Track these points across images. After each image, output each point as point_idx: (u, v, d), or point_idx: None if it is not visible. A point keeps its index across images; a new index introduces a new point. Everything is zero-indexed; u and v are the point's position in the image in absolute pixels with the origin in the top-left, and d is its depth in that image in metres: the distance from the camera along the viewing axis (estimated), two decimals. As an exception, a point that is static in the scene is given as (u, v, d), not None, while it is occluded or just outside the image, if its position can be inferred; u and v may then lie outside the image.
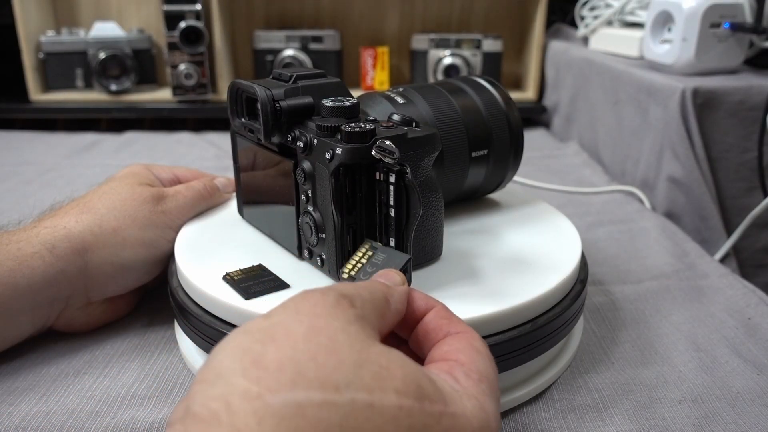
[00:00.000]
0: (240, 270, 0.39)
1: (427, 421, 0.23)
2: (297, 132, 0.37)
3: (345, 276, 0.33)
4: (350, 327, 0.25)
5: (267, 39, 1.11)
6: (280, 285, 0.37)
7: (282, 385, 0.21)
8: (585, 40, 1.06)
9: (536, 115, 1.14)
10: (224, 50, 1.10)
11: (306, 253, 0.40)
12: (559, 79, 1.08)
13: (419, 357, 0.30)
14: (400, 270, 0.32)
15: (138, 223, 0.43)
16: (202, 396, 0.21)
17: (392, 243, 0.35)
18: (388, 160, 0.33)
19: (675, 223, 0.70)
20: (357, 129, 0.34)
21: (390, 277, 0.31)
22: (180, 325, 0.41)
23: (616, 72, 0.87)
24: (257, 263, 0.40)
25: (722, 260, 0.67)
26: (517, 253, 0.42)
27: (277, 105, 0.37)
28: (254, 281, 0.37)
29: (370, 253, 0.34)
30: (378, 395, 0.22)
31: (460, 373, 0.26)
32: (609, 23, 0.99)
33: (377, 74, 1.14)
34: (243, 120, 0.41)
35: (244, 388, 0.21)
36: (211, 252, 0.43)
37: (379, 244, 0.35)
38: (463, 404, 0.25)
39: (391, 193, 0.34)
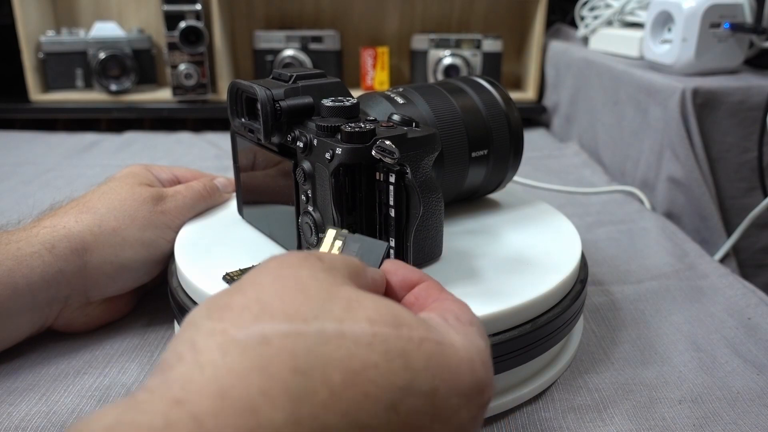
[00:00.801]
0: (240, 270, 0.39)
1: (406, 347, 0.22)
2: (297, 132, 0.37)
3: None
4: (318, 274, 0.24)
5: (267, 39, 1.11)
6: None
7: (246, 320, 0.21)
8: (585, 40, 1.06)
9: (536, 115, 1.14)
10: (224, 50, 1.10)
11: (306, 253, 0.40)
12: (559, 79, 1.08)
13: None
14: (380, 260, 0.31)
15: (137, 223, 0.43)
16: (171, 345, 0.21)
17: (392, 243, 0.35)
18: (388, 160, 0.33)
19: (675, 223, 0.70)
20: (357, 129, 0.34)
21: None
22: (180, 325, 0.41)
23: (616, 72, 0.87)
24: (257, 263, 0.40)
25: (722, 260, 0.67)
26: (517, 253, 0.42)
27: (277, 105, 0.37)
28: None
29: (339, 242, 0.31)
30: (349, 324, 0.22)
31: (450, 316, 0.26)
32: (609, 23, 0.99)
33: (377, 74, 1.14)
34: (243, 120, 0.41)
35: (209, 328, 0.21)
36: (211, 252, 0.43)
37: (346, 231, 0.32)
38: (450, 335, 0.24)
39: (391, 193, 0.34)
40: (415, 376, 0.22)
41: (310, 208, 0.37)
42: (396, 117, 0.38)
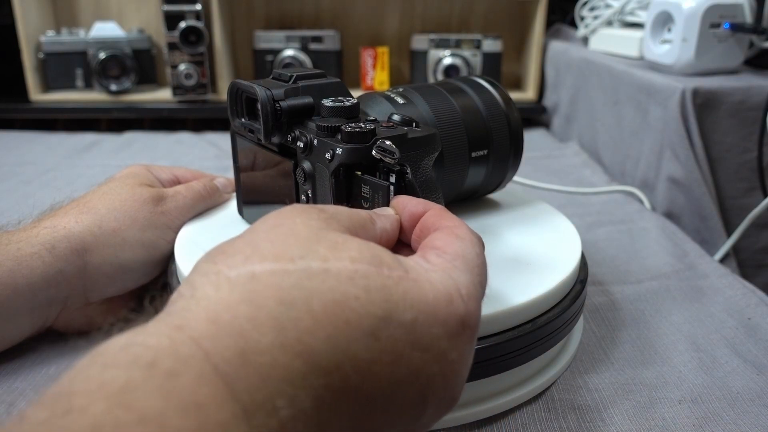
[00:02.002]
0: None
1: (386, 282, 0.24)
2: (297, 132, 0.37)
3: None
4: (312, 222, 0.25)
5: (267, 39, 1.11)
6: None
7: (238, 261, 0.23)
8: (585, 40, 1.06)
9: (536, 115, 1.14)
10: (224, 50, 1.10)
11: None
12: (559, 79, 1.08)
13: None
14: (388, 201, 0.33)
15: (138, 224, 0.43)
16: (178, 288, 0.23)
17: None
18: (388, 160, 0.33)
19: (675, 223, 0.70)
20: (357, 129, 0.34)
21: (382, 210, 0.32)
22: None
23: (616, 72, 0.87)
24: None
25: (722, 260, 0.67)
26: (517, 253, 0.42)
27: (277, 105, 0.37)
28: None
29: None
30: (333, 263, 0.23)
31: (431, 255, 0.27)
32: (609, 23, 0.99)
33: (377, 74, 1.14)
34: (243, 120, 0.41)
35: (205, 270, 0.23)
36: (211, 252, 0.43)
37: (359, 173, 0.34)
38: (428, 274, 0.25)
39: (391, 194, 0.34)
40: (394, 308, 0.23)
41: (310, 208, 0.37)
42: (396, 117, 0.38)
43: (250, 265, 0.23)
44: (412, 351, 0.23)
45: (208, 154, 0.93)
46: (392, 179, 0.34)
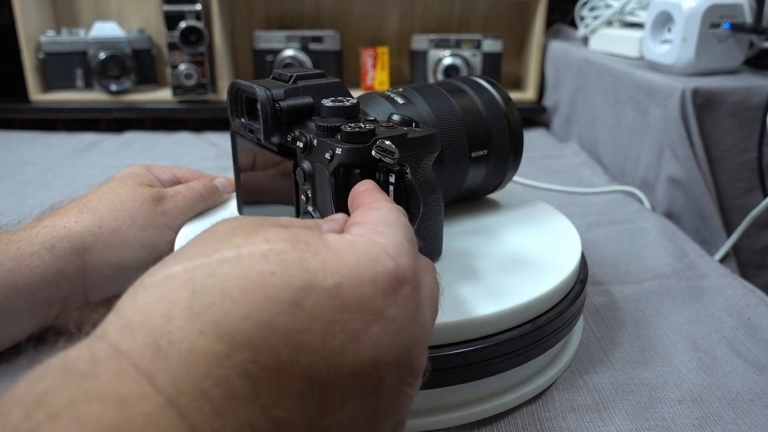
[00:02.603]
0: None
1: (303, 255, 0.23)
2: (297, 132, 0.37)
3: None
4: (236, 222, 0.26)
5: (267, 39, 1.11)
6: None
7: (157, 270, 0.23)
8: (585, 40, 1.06)
9: (536, 116, 1.14)
10: (224, 50, 1.10)
11: (306, 253, 0.40)
12: (558, 79, 1.08)
13: None
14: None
15: (138, 223, 0.43)
16: None
17: None
18: (388, 160, 0.33)
19: (675, 223, 0.70)
20: (357, 129, 0.34)
21: (332, 217, 0.32)
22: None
23: (616, 72, 0.87)
24: None
25: (722, 260, 0.67)
26: (517, 253, 0.42)
27: (277, 105, 0.37)
28: None
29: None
30: (246, 248, 0.23)
31: (353, 229, 0.27)
32: (609, 23, 0.99)
33: (377, 74, 1.14)
34: (243, 120, 0.41)
35: (131, 287, 0.23)
36: (211, 252, 0.43)
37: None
38: (350, 243, 0.25)
39: (391, 194, 0.34)
40: (314, 276, 0.23)
41: (310, 209, 0.37)
42: (396, 117, 0.38)
43: (166, 269, 0.23)
44: (342, 314, 0.23)
45: (208, 154, 0.93)
46: (392, 179, 0.34)
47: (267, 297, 0.22)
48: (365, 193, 0.31)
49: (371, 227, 0.27)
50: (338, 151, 0.34)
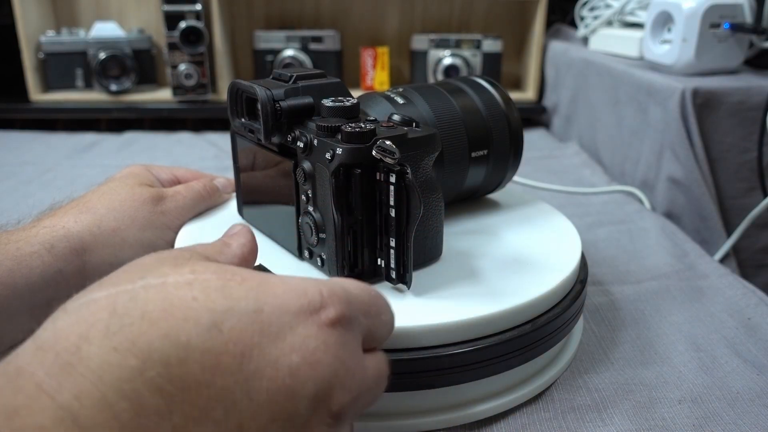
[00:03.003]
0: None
1: (227, 284, 0.23)
2: (297, 132, 0.37)
3: None
4: (162, 254, 0.26)
5: (267, 39, 1.11)
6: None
7: (79, 296, 0.23)
8: (585, 40, 1.06)
9: (536, 116, 1.14)
10: (224, 50, 1.10)
11: (306, 254, 0.40)
12: (558, 79, 1.08)
13: None
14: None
15: (137, 223, 0.43)
16: None
17: (392, 243, 0.35)
18: (388, 160, 0.33)
19: (675, 223, 0.70)
20: (357, 129, 0.34)
21: (231, 229, 0.33)
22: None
23: (616, 72, 0.87)
24: (257, 263, 0.40)
25: (722, 260, 0.67)
26: (517, 253, 0.42)
27: (277, 105, 0.37)
28: None
29: None
30: (172, 276, 0.23)
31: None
32: (609, 23, 0.99)
33: (377, 74, 1.14)
34: (243, 120, 0.41)
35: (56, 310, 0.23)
36: (211, 252, 0.43)
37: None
38: (281, 278, 0.25)
39: (392, 194, 0.34)
40: (236, 302, 0.23)
41: (311, 209, 0.37)
42: (396, 117, 0.38)
43: (89, 294, 0.23)
44: (261, 338, 0.23)
45: (208, 154, 0.93)
46: (392, 179, 0.34)
47: (186, 318, 0.22)
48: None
49: (321, 279, 0.27)
50: (339, 151, 0.34)
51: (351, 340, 0.26)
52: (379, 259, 0.37)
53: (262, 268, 0.38)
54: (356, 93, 0.41)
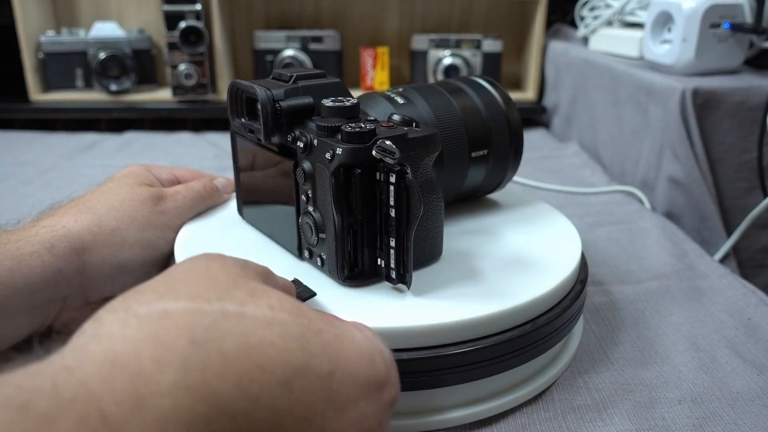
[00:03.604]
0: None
1: (305, 333, 0.23)
2: (297, 132, 0.37)
3: None
4: (230, 268, 0.25)
5: (267, 39, 1.11)
6: (307, 295, 0.36)
7: (151, 299, 0.22)
8: (585, 40, 1.06)
9: (536, 116, 1.14)
10: (224, 50, 1.10)
11: (306, 254, 0.40)
12: (558, 79, 1.08)
13: None
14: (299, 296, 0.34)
15: (137, 223, 0.43)
16: (80, 328, 0.22)
17: (392, 243, 0.35)
18: (388, 160, 0.33)
19: (675, 223, 0.70)
20: (357, 129, 0.34)
21: None
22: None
23: (616, 72, 0.87)
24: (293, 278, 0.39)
25: (722, 260, 0.67)
26: (517, 253, 0.42)
27: (277, 105, 0.37)
28: None
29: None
30: (250, 307, 0.22)
31: (348, 324, 0.27)
32: (609, 23, 0.99)
33: (377, 74, 1.14)
34: (243, 120, 0.41)
35: (114, 306, 0.22)
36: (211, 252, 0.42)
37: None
38: (351, 332, 0.25)
39: (392, 194, 0.34)
40: (311, 359, 0.22)
41: (311, 208, 0.37)
42: (396, 117, 0.38)
43: (164, 302, 0.22)
44: (326, 409, 0.22)
45: (208, 154, 0.93)
46: (392, 179, 0.34)
47: (261, 368, 0.21)
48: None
49: (369, 332, 0.27)
50: (339, 151, 0.34)
51: (391, 409, 0.25)
52: (379, 259, 0.37)
53: (298, 284, 0.37)
54: (356, 93, 0.41)
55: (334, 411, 0.22)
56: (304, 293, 0.35)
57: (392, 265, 0.36)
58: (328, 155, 0.34)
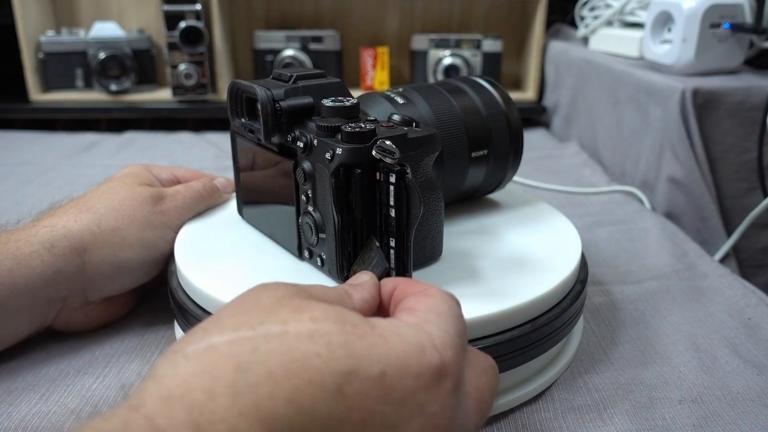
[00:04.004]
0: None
1: (348, 338, 0.23)
2: (297, 132, 0.37)
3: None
4: (279, 293, 0.25)
5: (267, 39, 1.11)
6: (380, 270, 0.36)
7: (198, 337, 0.23)
8: (585, 40, 1.06)
9: (536, 115, 1.14)
10: (224, 50, 1.10)
11: (306, 254, 0.40)
12: (559, 79, 1.08)
13: None
14: (378, 275, 0.33)
15: (137, 223, 0.43)
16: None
17: (392, 243, 0.35)
18: (388, 160, 0.33)
19: (675, 223, 0.70)
20: (357, 129, 0.34)
21: (356, 278, 0.32)
22: (180, 325, 0.41)
23: (616, 72, 0.87)
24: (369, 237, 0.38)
25: (722, 260, 0.67)
26: (517, 253, 0.42)
27: (277, 105, 0.37)
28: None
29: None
30: (293, 324, 0.23)
31: (403, 315, 0.27)
32: (609, 23, 0.99)
33: (377, 74, 1.14)
34: (243, 120, 0.41)
35: (168, 351, 0.23)
36: (211, 252, 0.43)
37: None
38: (398, 329, 0.25)
39: (392, 194, 0.34)
40: (359, 363, 0.22)
41: (311, 208, 0.37)
42: (396, 117, 0.38)
43: (209, 338, 0.22)
44: (384, 406, 0.22)
45: (208, 154, 0.93)
46: (392, 179, 0.34)
47: (310, 381, 0.21)
48: (412, 282, 0.31)
49: (422, 315, 0.26)
50: (339, 151, 0.34)
51: (461, 392, 0.25)
52: (379, 259, 0.37)
53: (371, 240, 0.36)
54: (356, 93, 0.41)
55: (393, 407, 0.22)
56: (377, 269, 0.34)
57: (392, 265, 0.36)
58: (328, 155, 0.34)
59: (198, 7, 1.02)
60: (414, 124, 0.38)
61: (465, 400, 0.26)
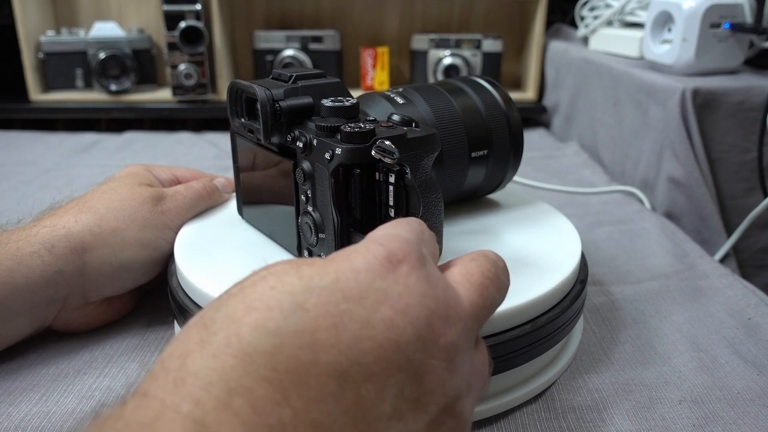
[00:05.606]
0: None
1: (298, 267, 0.25)
2: (296, 132, 0.37)
3: None
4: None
5: (267, 39, 1.11)
6: None
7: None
8: (585, 40, 1.06)
9: (536, 115, 1.14)
10: (224, 50, 1.10)
11: (306, 254, 0.40)
12: (559, 79, 1.08)
13: None
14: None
15: (137, 223, 0.43)
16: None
17: None
18: (387, 160, 0.33)
19: (675, 223, 0.70)
20: (357, 129, 0.34)
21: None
22: (180, 325, 0.41)
23: (616, 72, 0.87)
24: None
25: (722, 260, 0.67)
26: (517, 253, 0.42)
27: (277, 105, 0.37)
28: None
29: None
30: (249, 280, 0.25)
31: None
32: (609, 23, 0.99)
33: (377, 74, 1.14)
34: (243, 120, 0.41)
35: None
36: (211, 252, 0.43)
37: None
38: (348, 251, 0.26)
39: (391, 194, 0.34)
40: (311, 280, 0.24)
41: (310, 208, 0.37)
42: (396, 117, 0.38)
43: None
44: (348, 305, 0.23)
45: (208, 154, 0.93)
46: (392, 179, 0.34)
47: (269, 307, 0.22)
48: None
49: (373, 233, 0.28)
50: (338, 151, 0.34)
51: (429, 273, 0.26)
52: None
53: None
54: (356, 93, 0.41)
55: (356, 303, 0.24)
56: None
57: None
58: (327, 155, 0.34)
59: (198, 7, 1.02)
60: (414, 124, 0.38)
61: (434, 273, 0.26)
